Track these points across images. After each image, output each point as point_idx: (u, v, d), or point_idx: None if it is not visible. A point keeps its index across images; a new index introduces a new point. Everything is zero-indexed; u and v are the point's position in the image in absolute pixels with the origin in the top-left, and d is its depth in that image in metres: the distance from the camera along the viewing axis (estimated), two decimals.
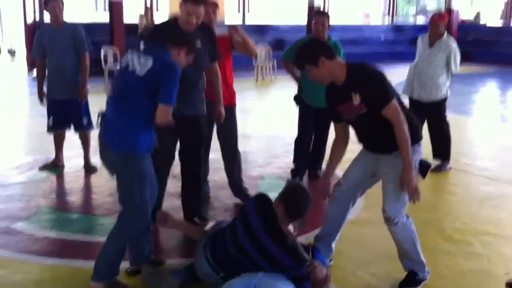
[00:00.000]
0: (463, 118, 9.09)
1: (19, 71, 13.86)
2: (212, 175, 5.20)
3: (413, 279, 3.47)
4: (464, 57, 6.75)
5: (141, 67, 3.12)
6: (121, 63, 3.32)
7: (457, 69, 5.80)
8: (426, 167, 3.52)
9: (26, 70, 13.28)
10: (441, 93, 5.77)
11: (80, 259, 3.78)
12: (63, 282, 3.50)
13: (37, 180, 5.52)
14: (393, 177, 3.30)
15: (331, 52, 3.29)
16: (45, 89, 5.65)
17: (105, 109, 3.30)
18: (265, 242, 3.13)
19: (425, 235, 4.04)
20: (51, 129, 5.75)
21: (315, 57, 3.22)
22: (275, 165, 6.09)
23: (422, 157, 3.45)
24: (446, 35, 5.75)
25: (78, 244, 4.08)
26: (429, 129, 5.91)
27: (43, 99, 5.68)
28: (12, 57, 16.92)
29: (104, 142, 3.26)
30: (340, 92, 3.29)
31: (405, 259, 3.50)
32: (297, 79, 5.39)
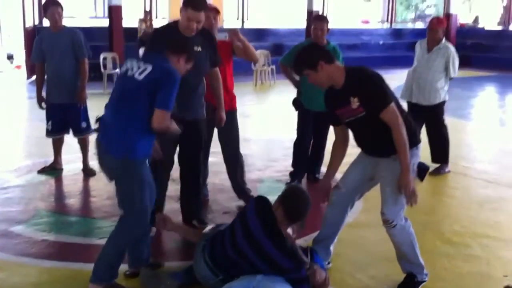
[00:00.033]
0: (462, 122, 9.09)
1: (18, 75, 13.85)
2: (211, 178, 5.20)
3: (412, 282, 3.47)
4: (463, 61, 6.77)
5: (140, 72, 3.14)
6: (121, 70, 3.35)
7: (456, 74, 5.83)
8: (425, 170, 3.53)
9: (26, 75, 13.28)
10: (440, 97, 5.79)
11: (79, 262, 3.78)
12: (62, 285, 3.50)
13: (36, 183, 5.52)
14: (391, 181, 3.30)
15: (330, 57, 3.30)
16: (44, 94, 5.66)
17: (103, 114, 3.31)
18: (265, 245, 3.13)
19: (424, 238, 4.04)
20: (50, 134, 5.76)
21: (314, 62, 3.23)
22: (274, 169, 6.09)
23: (421, 160, 3.46)
24: (444, 41, 5.78)
25: (77, 247, 4.08)
26: (427, 133, 5.92)
27: (42, 104, 5.69)
28: (11, 62, 16.91)
29: (103, 147, 3.26)
30: (339, 96, 3.30)
31: (404, 262, 3.50)
32: (296, 84, 5.39)
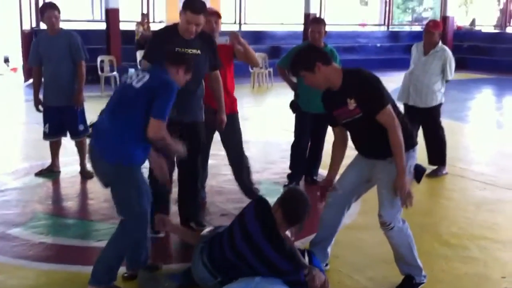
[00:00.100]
0: (459, 125, 9.11)
1: (15, 78, 13.84)
2: (209, 181, 5.20)
3: (410, 284, 3.47)
4: (459, 64, 6.78)
5: (138, 80, 3.21)
6: (121, 81, 3.39)
7: (452, 76, 5.85)
8: (421, 172, 3.53)
9: (23, 78, 13.26)
10: (437, 100, 5.80)
11: (77, 264, 3.77)
12: (60, 287, 3.49)
13: (33, 186, 5.51)
14: (387, 183, 3.31)
15: (327, 58, 3.31)
16: (41, 97, 5.66)
17: (96, 120, 3.33)
18: (264, 248, 3.13)
19: (422, 240, 4.04)
20: (47, 137, 5.75)
21: (311, 63, 3.24)
22: (272, 171, 6.09)
23: (417, 162, 3.46)
24: (441, 43, 5.80)
25: (74, 250, 4.07)
26: (424, 135, 5.93)
27: (39, 106, 5.68)
28: (7, 65, 16.88)
29: (96, 153, 3.27)
30: (336, 97, 3.31)
31: (402, 264, 3.50)
32: (293, 86, 5.40)
